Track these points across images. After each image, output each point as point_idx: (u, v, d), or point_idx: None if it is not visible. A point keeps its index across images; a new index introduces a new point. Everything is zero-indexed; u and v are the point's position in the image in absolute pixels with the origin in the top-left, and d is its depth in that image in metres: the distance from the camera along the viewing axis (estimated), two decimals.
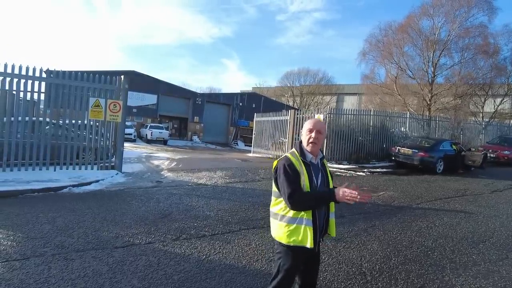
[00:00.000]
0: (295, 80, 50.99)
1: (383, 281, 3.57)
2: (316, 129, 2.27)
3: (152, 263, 3.61)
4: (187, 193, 7.16)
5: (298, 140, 10.41)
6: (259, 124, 17.83)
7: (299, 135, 12.15)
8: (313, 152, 2.30)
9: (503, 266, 4.25)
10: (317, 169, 2.31)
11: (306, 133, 2.30)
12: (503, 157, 16.52)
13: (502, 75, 22.48)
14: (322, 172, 2.35)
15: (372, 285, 3.47)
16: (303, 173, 2.19)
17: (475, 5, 20.20)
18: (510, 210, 7.25)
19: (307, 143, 2.29)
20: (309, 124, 2.32)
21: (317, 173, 2.30)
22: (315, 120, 2.39)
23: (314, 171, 2.28)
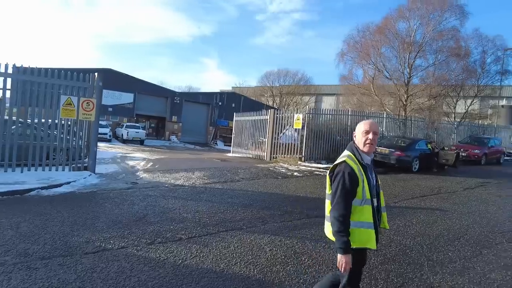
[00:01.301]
0: (275, 80, 51.17)
1: (363, 281, 3.53)
2: (372, 131, 2.32)
3: (124, 269, 3.41)
4: (164, 194, 6.94)
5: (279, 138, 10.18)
6: (239, 123, 17.70)
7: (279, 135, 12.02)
8: (370, 153, 2.37)
9: (477, 263, 4.33)
10: (371, 170, 2.40)
11: (363, 135, 2.33)
12: (473, 156, 17.14)
13: (473, 77, 23.36)
14: (374, 172, 2.45)
15: None
16: (363, 178, 2.24)
17: (448, 9, 20.89)
18: (481, 207, 7.46)
19: (364, 145, 2.33)
20: (366, 126, 2.35)
21: (371, 173, 2.39)
22: (370, 122, 2.42)
23: (370, 172, 2.36)
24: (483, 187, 10.25)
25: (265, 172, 10.86)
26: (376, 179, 2.46)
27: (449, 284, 3.65)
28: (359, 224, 2.24)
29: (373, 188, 2.33)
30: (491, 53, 24.19)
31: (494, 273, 4.02)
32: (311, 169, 12.24)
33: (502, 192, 9.56)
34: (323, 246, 4.46)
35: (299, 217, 5.81)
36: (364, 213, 2.25)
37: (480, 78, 24.21)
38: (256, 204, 6.49)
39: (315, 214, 6.10)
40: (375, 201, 2.35)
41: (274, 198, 7.25)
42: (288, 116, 15.15)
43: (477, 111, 28.02)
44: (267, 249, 4.22)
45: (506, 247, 5.00)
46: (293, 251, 4.21)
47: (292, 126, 14.52)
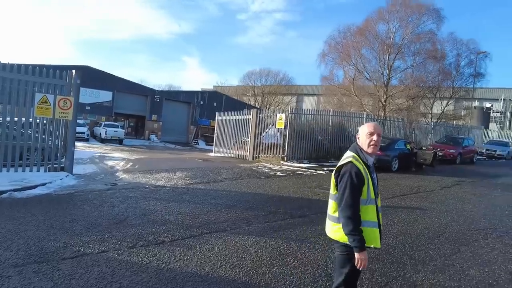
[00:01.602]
0: (257, 80, 51.21)
1: None
2: (376, 132, 2.38)
3: (105, 274, 3.28)
4: (145, 195, 6.77)
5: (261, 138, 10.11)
6: (221, 123, 17.57)
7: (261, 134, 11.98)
8: (373, 154, 2.44)
9: (456, 260, 4.44)
10: (373, 170, 2.45)
11: (367, 136, 2.39)
12: (449, 155, 17.71)
13: (448, 79, 24.16)
14: (375, 172, 2.50)
15: None
16: (368, 178, 2.30)
17: (425, 13, 21.50)
18: (458, 206, 7.70)
19: (368, 146, 2.39)
20: (370, 128, 2.41)
21: (373, 173, 2.44)
22: (374, 124, 2.50)
23: (372, 172, 2.41)
24: (459, 185, 10.59)
25: (248, 172, 10.81)
26: (377, 180, 2.51)
27: (431, 282, 3.72)
28: (365, 223, 2.28)
29: (376, 188, 2.41)
30: (465, 56, 25.13)
31: (473, 270, 4.13)
32: (294, 168, 12.30)
33: (477, 190, 9.91)
34: (308, 247, 4.46)
35: (283, 218, 5.80)
36: (369, 213, 2.30)
37: (455, 80, 25.08)
38: (240, 205, 6.44)
39: (299, 214, 6.10)
40: (378, 201, 2.42)
41: (257, 198, 7.22)
42: (271, 115, 15.17)
43: (452, 112, 29.00)
44: (252, 250, 4.18)
45: (482, 244, 5.16)
46: (279, 252, 4.18)
47: (275, 126, 14.54)
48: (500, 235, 5.68)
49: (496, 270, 4.19)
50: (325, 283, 3.48)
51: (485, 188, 10.33)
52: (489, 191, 9.83)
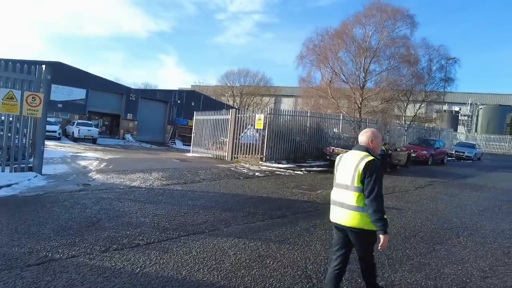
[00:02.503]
0: (235, 80, 51.03)
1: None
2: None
3: (75, 281, 3.09)
4: (119, 197, 6.52)
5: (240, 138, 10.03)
6: (199, 122, 17.32)
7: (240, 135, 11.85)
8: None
9: (432, 259, 4.53)
10: None
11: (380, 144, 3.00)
12: (422, 157, 18.29)
13: (421, 83, 24.93)
14: None
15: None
16: None
17: (400, 18, 22.10)
18: (432, 205, 7.92)
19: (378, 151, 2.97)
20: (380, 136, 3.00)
21: None
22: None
23: None
24: (431, 186, 10.93)
25: (226, 172, 10.69)
26: None
27: (408, 281, 3.76)
28: None
29: None
30: (436, 61, 26.03)
31: (447, 268, 4.23)
32: (272, 169, 12.28)
33: (448, 190, 10.25)
34: (288, 248, 4.42)
35: (262, 218, 5.73)
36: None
37: (427, 84, 25.94)
38: (218, 206, 6.32)
39: (278, 214, 6.06)
40: None
41: (236, 199, 7.12)
42: (250, 116, 15.10)
43: (424, 115, 30.04)
44: (231, 253, 4.09)
45: (455, 242, 5.31)
46: (258, 254, 4.11)
47: (254, 126, 14.48)
48: (471, 233, 5.87)
49: (469, 268, 4.31)
50: (305, 284, 3.44)
51: (455, 188, 10.70)
52: (459, 191, 10.20)
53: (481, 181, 12.99)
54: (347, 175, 2.83)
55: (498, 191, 10.85)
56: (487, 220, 6.92)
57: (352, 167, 2.79)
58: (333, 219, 3.00)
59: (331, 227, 5.60)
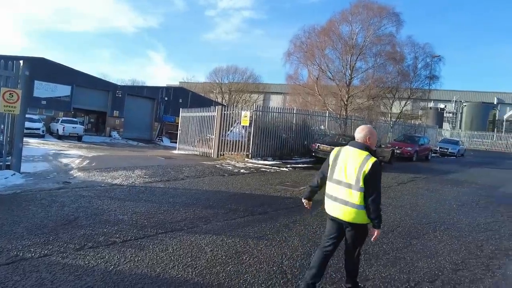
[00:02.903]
0: (224, 77, 50.81)
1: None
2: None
3: (44, 281, 3.05)
4: (99, 195, 6.44)
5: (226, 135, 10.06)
6: (185, 119, 17.20)
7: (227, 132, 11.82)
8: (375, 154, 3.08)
9: (407, 253, 4.62)
10: None
11: (376, 140, 3.16)
12: (406, 153, 18.55)
13: (406, 80, 25.25)
14: None
15: (292, 284, 3.43)
16: None
17: (386, 16, 22.30)
18: (412, 201, 8.06)
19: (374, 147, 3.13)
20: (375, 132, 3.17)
21: None
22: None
23: None
24: (414, 181, 11.11)
25: (211, 169, 10.66)
26: None
27: (382, 275, 3.83)
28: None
29: None
30: (421, 59, 26.39)
31: (421, 262, 4.32)
32: (258, 166, 12.30)
33: (430, 186, 10.44)
34: (265, 244, 4.44)
35: (243, 215, 5.75)
36: None
37: (413, 81, 26.29)
38: (200, 203, 6.31)
39: (259, 211, 6.08)
40: None
41: (219, 196, 7.11)
42: (236, 113, 15.07)
43: (410, 112, 30.44)
44: (207, 249, 4.09)
45: (431, 237, 5.42)
46: (235, 251, 4.12)
47: (240, 123, 14.47)
48: (448, 227, 6.00)
49: (442, 261, 4.41)
50: (279, 280, 3.47)
51: (437, 184, 10.91)
52: (440, 187, 10.39)
53: (462, 177, 13.27)
54: (349, 174, 2.97)
55: (478, 186, 11.10)
56: (464, 214, 7.08)
57: (355, 167, 2.93)
58: (333, 214, 3.14)
59: (311, 222, 5.69)
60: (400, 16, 22.79)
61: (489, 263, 4.50)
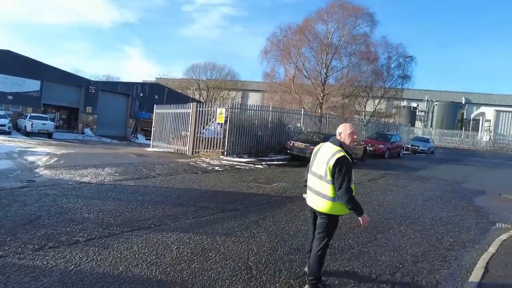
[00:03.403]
0: (202, 74, 50.19)
1: (268, 274, 3.61)
2: (355, 133, 3.27)
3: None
4: (65, 193, 6.24)
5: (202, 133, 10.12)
6: (160, 116, 16.93)
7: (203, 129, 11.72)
8: (350, 147, 3.28)
9: (371, 247, 4.77)
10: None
11: (349, 136, 3.22)
12: (379, 150, 19.09)
13: (380, 79, 26.00)
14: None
15: (256, 279, 3.46)
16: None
17: (361, 16, 22.83)
18: (381, 197, 8.30)
19: (350, 142, 3.24)
20: (351, 129, 3.28)
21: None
22: (354, 127, 3.40)
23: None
24: (384, 178, 11.45)
25: (185, 167, 10.56)
26: None
27: (345, 269, 3.93)
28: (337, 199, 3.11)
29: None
30: (395, 59, 27.24)
31: (384, 256, 4.47)
32: (233, 163, 12.29)
33: (399, 182, 10.79)
34: (233, 241, 4.46)
35: (213, 212, 5.74)
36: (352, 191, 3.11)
37: (386, 81, 27.09)
38: (170, 201, 6.24)
39: (230, 208, 6.09)
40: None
41: (190, 194, 7.05)
42: (212, 110, 14.98)
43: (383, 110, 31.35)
44: (173, 247, 4.06)
45: (396, 231, 5.61)
46: (201, 248, 4.11)
47: (215, 120, 14.39)
48: (412, 222, 6.24)
49: (404, 254, 4.58)
50: (243, 276, 3.49)
51: (406, 180, 11.29)
52: (409, 183, 10.76)
53: (430, 173, 13.79)
54: (321, 167, 3.20)
55: (444, 182, 11.58)
56: (429, 209, 7.37)
57: (325, 160, 3.15)
58: (309, 203, 3.42)
59: (280, 218, 5.76)
60: (374, 16, 23.43)
61: (446, 255, 4.72)
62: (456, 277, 4.05)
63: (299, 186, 8.78)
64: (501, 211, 7.85)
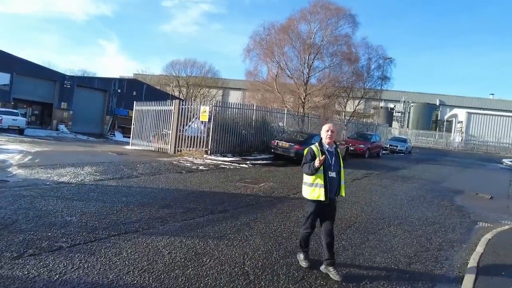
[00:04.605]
0: (181, 70, 49.31)
1: (266, 279, 3.49)
2: (331, 130, 3.82)
3: None
4: (43, 194, 5.88)
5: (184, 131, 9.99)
6: (140, 113, 16.43)
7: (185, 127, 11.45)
8: (329, 144, 3.83)
9: (365, 249, 4.74)
10: (331, 154, 3.81)
11: (325, 132, 3.81)
12: (359, 150, 19.38)
13: (360, 80, 26.35)
14: (335, 156, 3.83)
15: (255, 285, 3.34)
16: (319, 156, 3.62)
17: (343, 17, 23.01)
18: (367, 196, 8.37)
19: (326, 138, 3.82)
20: (328, 127, 3.87)
21: (332, 156, 3.79)
22: (330, 124, 4.03)
23: (330, 155, 3.77)
24: (367, 178, 11.58)
25: (168, 166, 10.26)
26: (338, 161, 3.83)
27: (343, 273, 3.86)
28: (315, 184, 3.71)
29: (329, 165, 3.72)
30: (374, 60, 27.67)
31: (379, 257, 4.45)
32: (217, 162, 12.09)
33: (382, 182, 10.94)
34: (226, 244, 4.31)
35: (202, 214, 5.55)
36: (319, 177, 3.67)
37: (366, 81, 27.52)
38: (156, 203, 5.99)
39: (219, 209, 5.92)
40: (330, 173, 3.71)
41: (176, 194, 6.82)
42: (195, 108, 14.68)
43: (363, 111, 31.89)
44: (165, 252, 3.86)
45: (386, 232, 5.63)
46: (194, 252, 3.94)
47: (199, 119, 14.11)
48: (401, 222, 6.29)
49: (397, 255, 4.58)
50: (241, 282, 3.36)
51: (389, 180, 11.47)
52: (392, 182, 10.94)
53: (410, 173, 14.11)
54: None
55: (424, 181, 11.86)
56: (414, 209, 7.49)
57: None
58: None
59: (272, 220, 5.66)
60: (356, 18, 23.66)
61: (437, 255, 4.77)
62: (450, 277, 4.08)
63: (286, 185, 8.73)
64: (480, 210, 8.09)
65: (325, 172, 3.66)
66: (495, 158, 29.22)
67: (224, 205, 6.24)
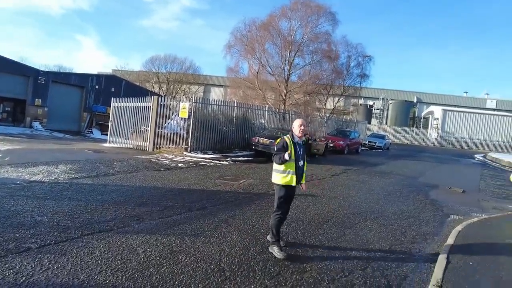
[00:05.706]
0: (161, 66, 48.50)
1: (242, 275, 3.49)
2: (303, 125, 4.29)
3: None
4: (12, 194, 5.65)
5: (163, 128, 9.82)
6: (118, 110, 16.05)
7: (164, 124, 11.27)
8: (300, 138, 4.27)
9: (341, 243, 4.82)
10: (300, 146, 4.26)
11: (298, 127, 4.25)
12: (339, 146, 19.67)
13: (340, 78, 26.73)
14: (302, 148, 4.31)
15: (230, 281, 3.33)
16: (291, 147, 4.09)
17: (323, 15, 23.19)
18: (344, 192, 8.49)
19: (299, 132, 4.25)
20: (300, 122, 4.33)
21: (300, 148, 4.26)
22: (302, 119, 4.52)
23: (298, 147, 4.23)
24: (346, 173, 11.77)
25: (146, 164, 10.09)
26: (303, 151, 4.31)
27: (318, 267, 3.91)
28: (287, 172, 4.14)
29: (299, 155, 4.19)
30: (354, 58, 28.14)
31: (354, 251, 4.53)
32: (197, 160, 11.98)
33: (360, 177, 11.15)
34: (203, 241, 4.27)
35: (180, 212, 5.49)
36: (291, 166, 4.12)
37: (346, 79, 27.94)
38: (132, 201, 5.88)
39: (197, 207, 5.87)
40: (300, 163, 4.23)
41: (153, 192, 6.71)
42: (174, 104, 14.48)
43: (342, 108, 32.35)
44: (140, 250, 3.79)
45: (362, 226, 5.74)
46: (170, 250, 3.89)
47: (178, 115, 13.93)
48: (377, 216, 6.42)
49: (373, 248, 4.68)
50: (217, 278, 3.34)
51: (367, 175, 11.69)
52: (369, 178, 11.16)
53: (388, 168, 14.43)
54: None
55: (401, 177, 12.16)
56: (390, 203, 7.66)
57: None
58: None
59: (250, 216, 5.67)
60: (336, 15, 23.90)
61: (411, 248, 4.90)
62: (421, 269, 4.20)
63: (266, 182, 8.74)
64: (453, 203, 8.37)
65: (296, 161, 4.15)
66: (468, 153, 30.35)
67: (203, 203, 6.19)
